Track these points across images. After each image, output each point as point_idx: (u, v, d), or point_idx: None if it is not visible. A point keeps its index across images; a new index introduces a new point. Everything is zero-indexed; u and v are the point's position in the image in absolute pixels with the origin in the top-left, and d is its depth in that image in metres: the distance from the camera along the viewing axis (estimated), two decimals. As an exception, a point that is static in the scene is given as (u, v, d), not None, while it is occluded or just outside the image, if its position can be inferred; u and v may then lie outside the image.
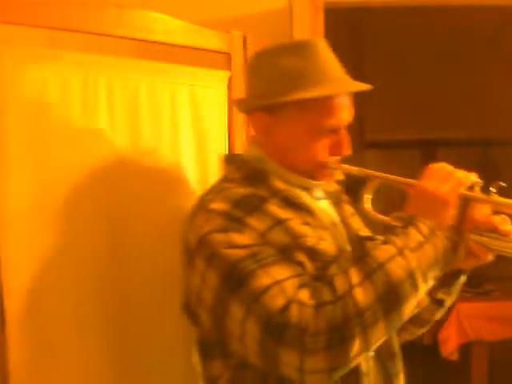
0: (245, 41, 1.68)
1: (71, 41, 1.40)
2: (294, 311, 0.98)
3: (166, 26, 1.51)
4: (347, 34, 4.23)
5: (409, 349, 1.34)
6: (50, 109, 1.32)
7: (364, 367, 1.14)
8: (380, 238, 1.24)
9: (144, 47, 1.55)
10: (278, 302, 0.99)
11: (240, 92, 1.67)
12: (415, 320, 1.25)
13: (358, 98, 1.24)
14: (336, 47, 1.25)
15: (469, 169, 1.15)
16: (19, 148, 1.27)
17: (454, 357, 3.03)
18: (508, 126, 4.05)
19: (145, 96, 1.48)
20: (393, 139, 4.56)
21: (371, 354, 1.15)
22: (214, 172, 1.63)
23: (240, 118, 1.68)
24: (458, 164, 1.15)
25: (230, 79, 1.66)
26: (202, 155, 1.60)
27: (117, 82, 1.43)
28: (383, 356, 1.20)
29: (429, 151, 4.69)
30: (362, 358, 1.06)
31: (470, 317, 3.01)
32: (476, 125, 4.32)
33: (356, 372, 1.11)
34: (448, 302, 1.29)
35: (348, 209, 1.35)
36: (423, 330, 1.35)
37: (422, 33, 4.11)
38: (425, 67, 4.29)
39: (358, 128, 4.53)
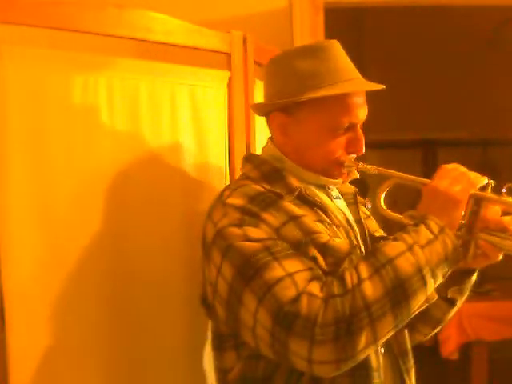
0: (245, 41, 1.68)
1: (71, 41, 1.40)
2: (304, 302, 1.02)
3: (166, 26, 1.51)
4: (347, 33, 4.21)
5: (409, 349, 1.34)
6: (51, 109, 1.32)
7: (374, 363, 1.16)
8: None
9: (144, 47, 1.55)
10: (289, 293, 1.03)
11: (240, 92, 1.67)
12: (428, 320, 1.30)
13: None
14: (336, 47, 1.26)
15: (469, 169, 1.17)
16: (19, 148, 1.27)
17: (454, 357, 3.03)
18: (508, 125, 4.06)
19: (145, 96, 1.48)
20: (393, 139, 4.56)
21: (382, 350, 1.19)
22: (214, 172, 1.63)
23: (240, 118, 1.68)
24: (459, 164, 1.15)
25: (229, 79, 1.66)
26: (202, 155, 1.60)
27: (117, 82, 1.43)
28: (395, 353, 1.24)
29: (429, 151, 4.69)
30: (371, 352, 1.10)
31: (470, 317, 3.01)
32: (476, 125, 4.32)
33: (366, 367, 1.14)
34: (459, 302, 1.31)
35: (364, 211, 1.38)
36: (435, 331, 1.37)
37: (422, 33, 4.11)
38: (425, 67, 4.29)
39: (358, 128, 4.53)
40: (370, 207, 1.43)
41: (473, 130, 4.39)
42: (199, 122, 1.60)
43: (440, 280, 1.09)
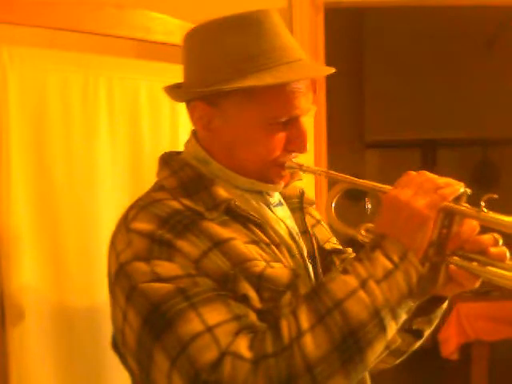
0: (245, 41, 1.68)
1: (71, 41, 1.40)
2: (228, 367, 0.79)
3: (166, 26, 1.51)
4: (347, 34, 4.23)
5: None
6: (50, 109, 1.32)
7: None
8: (350, 250, 1.11)
9: (144, 47, 1.56)
10: (209, 354, 0.80)
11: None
12: (392, 352, 1.03)
13: (359, 98, 1.23)
14: (336, 47, 1.23)
15: (469, 169, 1.01)
16: (20, 147, 1.27)
17: (454, 357, 3.03)
18: (508, 126, 4.06)
19: (145, 96, 1.49)
20: (393, 139, 4.57)
21: None
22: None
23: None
24: (458, 164, 1.09)
25: (229, 79, 1.66)
26: (202, 155, 1.60)
27: (117, 82, 1.43)
28: None
29: (429, 151, 4.69)
30: None
31: (470, 317, 3.01)
32: (476, 125, 4.32)
33: None
34: (427, 332, 1.07)
35: (314, 214, 1.15)
36: (400, 359, 1.13)
37: (422, 33, 4.11)
38: (425, 67, 4.29)
39: (358, 128, 4.54)
40: (369, 207, 1.26)
41: (472, 130, 4.39)
42: (199, 122, 1.60)
43: (404, 318, 0.87)
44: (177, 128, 1.55)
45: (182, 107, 1.57)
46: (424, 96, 4.32)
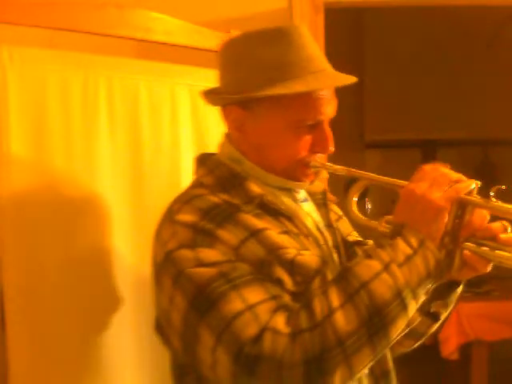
0: (245, 41, 1.68)
1: (71, 41, 1.40)
2: (268, 341, 0.89)
3: (166, 26, 1.51)
4: (347, 33, 4.23)
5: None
6: (50, 109, 1.32)
7: None
8: (370, 242, 1.18)
9: (144, 47, 1.56)
10: (251, 330, 0.90)
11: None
12: (411, 334, 1.15)
13: (359, 98, 1.23)
14: (336, 47, 1.24)
15: (469, 169, 1.08)
16: (20, 147, 1.27)
17: (454, 357, 3.02)
18: (508, 125, 4.05)
19: (145, 96, 1.49)
20: (393, 139, 4.56)
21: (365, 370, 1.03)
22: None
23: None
24: (458, 164, 1.11)
25: (229, 79, 1.66)
26: (202, 155, 1.60)
27: (117, 82, 1.43)
28: (377, 374, 1.11)
29: (429, 151, 4.69)
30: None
31: (470, 317, 3.00)
32: (476, 125, 4.32)
33: None
34: (444, 315, 1.17)
35: (336, 210, 1.26)
36: (419, 343, 1.24)
37: (422, 33, 4.11)
38: (425, 67, 4.29)
39: (358, 128, 4.54)
40: (369, 207, 1.34)
41: (472, 130, 4.39)
42: (199, 122, 1.60)
43: (422, 299, 0.97)
44: (177, 128, 1.55)
45: (182, 107, 1.58)
46: (424, 96, 4.32)
